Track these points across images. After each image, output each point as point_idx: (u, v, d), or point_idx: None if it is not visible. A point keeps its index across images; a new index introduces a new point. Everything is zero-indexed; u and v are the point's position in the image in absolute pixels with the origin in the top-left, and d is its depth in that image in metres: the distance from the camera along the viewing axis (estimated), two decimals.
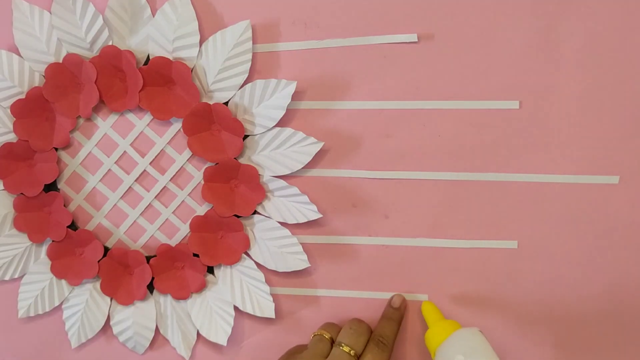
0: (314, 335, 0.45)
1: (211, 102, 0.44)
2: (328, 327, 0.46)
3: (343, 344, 0.43)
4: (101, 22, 0.44)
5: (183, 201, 0.48)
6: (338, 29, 0.43)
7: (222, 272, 0.48)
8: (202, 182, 0.46)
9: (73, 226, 0.49)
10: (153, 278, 0.48)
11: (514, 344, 0.46)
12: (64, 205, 0.48)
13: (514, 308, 0.45)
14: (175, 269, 0.48)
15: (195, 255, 0.47)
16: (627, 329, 0.44)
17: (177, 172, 0.47)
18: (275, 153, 0.45)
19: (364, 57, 0.43)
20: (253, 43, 0.43)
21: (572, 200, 0.43)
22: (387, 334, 0.44)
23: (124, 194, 0.48)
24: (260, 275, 0.47)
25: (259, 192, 0.45)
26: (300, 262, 0.46)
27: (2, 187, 0.48)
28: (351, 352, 0.43)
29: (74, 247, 0.49)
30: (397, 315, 0.45)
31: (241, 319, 0.49)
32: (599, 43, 0.40)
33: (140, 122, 0.47)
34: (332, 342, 0.45)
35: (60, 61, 0.45)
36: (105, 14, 0.44)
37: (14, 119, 0.46)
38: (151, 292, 0.49)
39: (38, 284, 0.50)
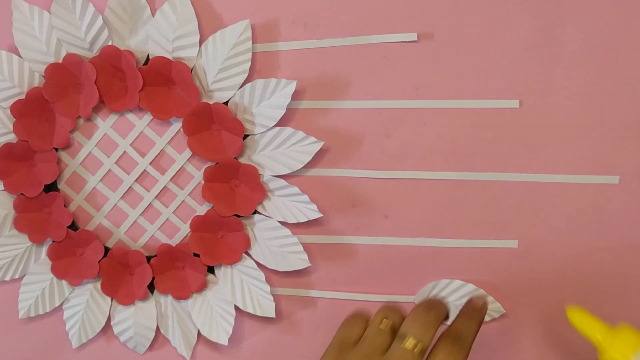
0: (372, 324, 0.39)
1: (211, 102, 0.44)
2: (390, 311, 0.39)
3: (408, 337, 0.36)
4: (101, 22, 0.44)
5: (183, 201, 0.48)
6: (338, 28, 0.43)
7: (222, 272, 0.48)
8: (202, 181, 0.46)
9: (73, 226, 0.49)
10: (153, 278, 0.48)
11: (514, 343, 0.46)
12: (64, 206, 0.48)
13: (514, 308, 0.45)
14: (176, 268, 0.48)
15: (196, 255, 0.47)
16: None
17: (177, 172, 0.47)
18: (276, 152, 0.45)
19: (364, 56, 0.43)
20: (253, 43, 0.43)
21: (572, 200, 0.43)
22: (468, 332, 0.37)
23: (124, 194, 0.48)
24: (261, 274, 0.47)
25: (259, 191, 0.45)
26: (300, 261, 0.46)
27: (2, 188, 0.48)
28: (416, 348, 0.35)
29: (75, 247, 0.49)
30: (479, 316, 0.40)
31: (242, 318, 0.49)
32: (599, 43, 0.40)
33: (140, 122, 0.47)
34: (394, 331, 0.38)
35: (60, 61, 0.45)
36: (105, 14, 0.44)
37: (14, 119, 0.46)
38: (152, 292, 0.49)
39: (38, 284, 0.49)
